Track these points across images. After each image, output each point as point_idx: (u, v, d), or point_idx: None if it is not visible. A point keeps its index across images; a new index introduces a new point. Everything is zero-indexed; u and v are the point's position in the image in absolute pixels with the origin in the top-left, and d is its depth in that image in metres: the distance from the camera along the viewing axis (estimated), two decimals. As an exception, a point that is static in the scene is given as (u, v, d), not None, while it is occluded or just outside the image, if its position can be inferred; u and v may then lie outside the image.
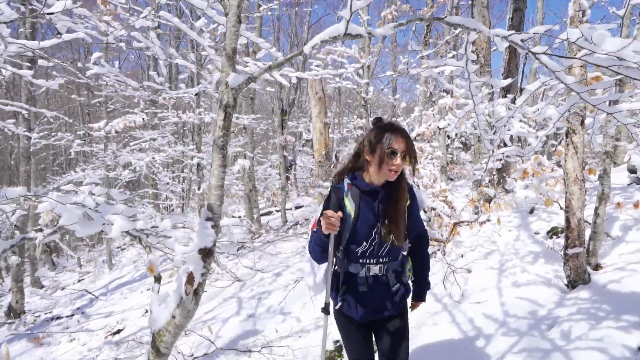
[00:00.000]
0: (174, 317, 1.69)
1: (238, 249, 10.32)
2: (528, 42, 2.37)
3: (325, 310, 2.46)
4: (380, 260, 2.41)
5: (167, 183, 14.93)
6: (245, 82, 1.78)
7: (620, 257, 4.19)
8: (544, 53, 2.23)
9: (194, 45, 9.47)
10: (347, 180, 2.38)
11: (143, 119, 8.06)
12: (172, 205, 15.71)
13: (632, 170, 5.97)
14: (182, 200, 14.23)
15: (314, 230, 2.37)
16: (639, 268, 3.83)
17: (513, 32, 2.14)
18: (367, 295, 2.42)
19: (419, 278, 2.64)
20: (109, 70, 4.85)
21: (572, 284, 4.01)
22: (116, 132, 8.54)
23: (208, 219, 1.79)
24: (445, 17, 2.00)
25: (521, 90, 9.92)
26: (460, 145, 11.98)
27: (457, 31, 7.53)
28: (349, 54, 6.36)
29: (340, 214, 2.21)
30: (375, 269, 2.41)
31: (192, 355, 5.07)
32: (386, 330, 2.54)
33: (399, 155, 2.24)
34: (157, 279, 1.76)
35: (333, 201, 2.30)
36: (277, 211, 13.27)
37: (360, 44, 7.69)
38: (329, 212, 2.17)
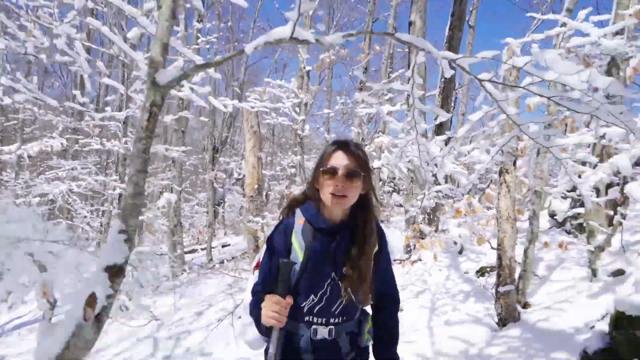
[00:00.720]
0: (67, 348, 1.38)
1: (157, 286, 9.66)
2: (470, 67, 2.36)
3: None
4: (332, 320, 1.85)
5: (85, 216, 13.93)
6: (176, 79, 1.58)
7: (548, 296, 4.27)
8: (489, 80, 2.23)
9: (124, 65, 9.08)
10: (298, 214, 1.86)
11: (62, 144, 7.46)
12: (88, 239, 14.63)
13: (552, 215, 6.25)
14: (100, 234, 13.27)
15: (256, 282, 1.88)
16: (565, 307, 3.90)
17: (461, 55, 2.11)
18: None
19: (382, 354, 1.94)
20: (24, 85, 4.44)
21: (502, 322, 4.00)
22: (29, 156, 7.83)
23: (121, 232, 1.52)
24: (395, 33, 1.94)
25: (448, 139, 10.30)
26: (390, 190, 12.22)
27: (393, 76, 7.76)
28: (288, 87, 6.32)
29: (290, 300, 1.70)
30: (324, 332, 1.84)
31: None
32: None
33: (339, 173, 1.74)
34: (52, 305, 1.46)
35: (278, 241, 1.82)
36: (203, 249, 12.71)
37: (298, 82, 7.71)
38: (274, 298, 1.67)
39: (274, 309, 1.63)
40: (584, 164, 4.04)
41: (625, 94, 1.81)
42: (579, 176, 3.42)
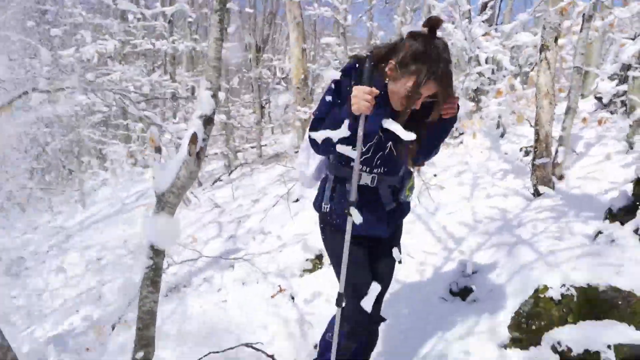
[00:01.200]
0: (178, 178, 1.81)
1: (214, 182, 10.44)
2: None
3: (339, 302, 2.06)
4: (375, 170, 2.05)
5: (140, 118, 14.63)
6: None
7: (583, 169, 4.50)
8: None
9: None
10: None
11: (115, 45, 7.83)
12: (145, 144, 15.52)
13: (598, 97, 6.24)
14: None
15: (317, 116, 1.94)
16: (598, 176, 4.14)
17: None
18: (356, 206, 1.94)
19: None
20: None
21: (537, 192, 4.30)
22: (88, 60, 8.29)
23: (207, 89, 1.88)
24: None
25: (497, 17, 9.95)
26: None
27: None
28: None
29: (375, 90, 1.71)
30: (367, 178, 2.04)
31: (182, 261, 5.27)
32: (375, 256, 2.23)
33: (421, 99, 1.79)
34: (158, 150, 1.86)
35: (345, 83, 1.85)
36: (252, 147, 13.31)
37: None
38: (365, 89, 1.69)
39: (365, 97, 1.68)
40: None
41: None
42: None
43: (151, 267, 1.90)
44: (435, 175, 5.78)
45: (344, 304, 2.06)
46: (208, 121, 1.88)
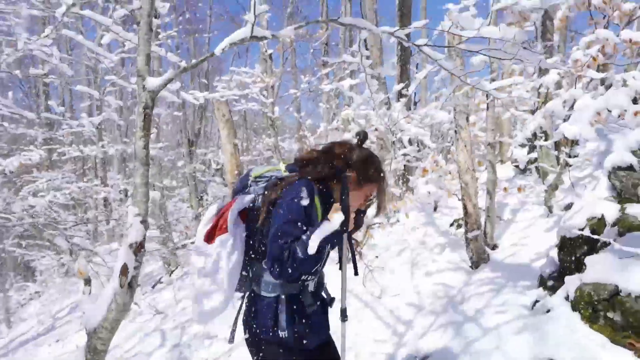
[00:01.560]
0: (110, 311, 1.72)
1: (154, 285, 9.97)
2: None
3: (343, 316, 2.24)
4: (316, 274, 2.02)
5: (71, 227, 13.99)
6: (162, 84, 1.89)
7: (512, 236, 4.73)
8: (425, 45, 2.58)
9: (94, 71, 9.16)
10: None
11: (41, 155, 7.61)
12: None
13: (515, 163, 6.72)
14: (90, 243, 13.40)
15: (290, 219, 1.76)
16: (526, 242, 4.36)
17: (398, 28, 2.45)
18: (314, 316, 1.97)
19: None
20: (1, 102, 4.63)
21: (475, 265, 4.44)
22: (11, 172, 7.96)
23: (136, 215, 1.85)
24: (339, 18, 2.26)
25: (415, 103, 10.67)
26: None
27: (380, 34, 8.04)
28: (253, 73, 6.58)
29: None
30: (311, 285, 2.02)
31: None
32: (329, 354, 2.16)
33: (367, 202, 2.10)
34: (87, 282, 1.79)
35: (308, 197, 1.82)
36: (192, 242, 12.97)
37: (262, 67, 7.94)
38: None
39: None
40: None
41: (524, 39, 2.18)
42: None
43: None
44: (377, 257, 5.84)
45: None
46: (139, 248, 1.84)
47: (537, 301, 3.27)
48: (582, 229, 2.89)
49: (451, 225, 5.83)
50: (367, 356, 3.81)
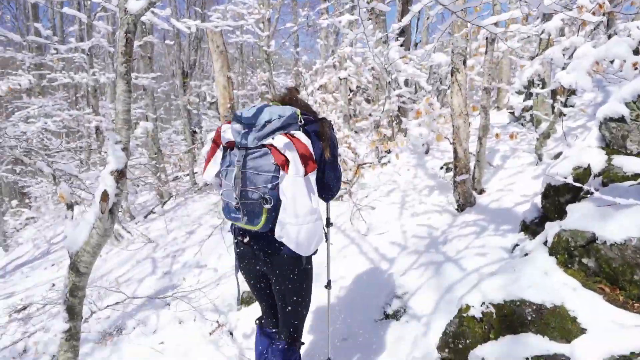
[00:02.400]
0: (91, 236, 1.75)
1: (147, 215, 10.10)
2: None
3: (328, 285, 2.80)
4: None
5: (64, 155, 13.99)
6: (145, 6, 1.82)
7: (500, 182, 4.78)
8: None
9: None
10: None
11: (30, 80, 7.45)
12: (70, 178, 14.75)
13: (510, 110, 6.67)
14: (82, 171, 13.40)
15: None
16: (513, 188, 4.42)
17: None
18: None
19: None
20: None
21: (461, 208, 4.52)
22: (-1, 96, 7.82)
23: (117, 142, 1.84)
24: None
25: (416, 44, 10.41)
26: (363, 100, 12.46)
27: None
28: (248, 4, 6.34)
29: None
30: None
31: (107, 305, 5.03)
32: None
33: None
34: (70, 207, 1.81)
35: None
36: (186, 175, 13.04)
37: (260, -3, 7.64)
38: None
39: None
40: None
41: None
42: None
43: (68, 332, 1.82)
44: (366, 197, 5.92)
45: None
46: (120, 175, 1.84)
47: (517, 245, 3.37)
48: (566, 177, 2.93)
49: (441, 168, 5.87)
50: (348, 291, 3.94)
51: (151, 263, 6.74)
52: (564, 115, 4.65)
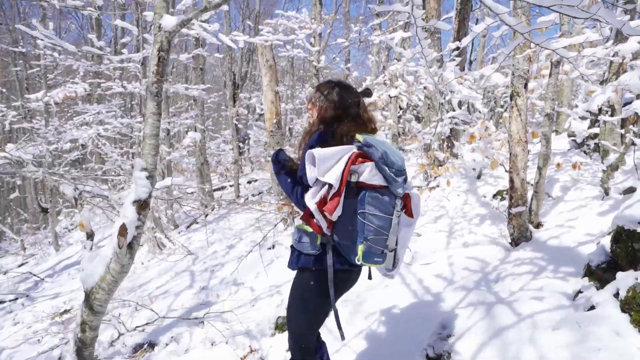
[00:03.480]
0: (108, 272, 1.61)
1: (190, 225, 10.17)
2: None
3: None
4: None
5: (116, 159, 14.42)
6: (179, 24, 1.68)
7: (560, 215, 4.38)
8: (487, -5, 2.24)
9: (139, 10, 9.02)
10: None
11: (85, 89, 7.65)
12: (121, 182, 15.17)
13: (572, 135, 6.22)
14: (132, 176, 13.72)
15: None
16: (575, 224, 4.02)
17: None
18: None
19: None
20: (42, 32, 4.56)
21: (515, 242, 4.17)
22: (56, 103, 8.09)
23: (143, 170, 1.70)
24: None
25: (470, 62, 10.06)
26: (413, 117, 12.14)
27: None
28: (300, 18, 6.25)
29: None
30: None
31: (136, 327, 4.96)
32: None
33: (309, 104, 2.46)
34: (90, 236, 1.67)
35: None
36: (231, 186, 13.11)
37: (313, 11, 7.56)
38: None
39: None
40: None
41: None
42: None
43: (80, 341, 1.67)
44: (412, 221, 5.63)
45: None
46: (143, 206, 1.69)
47: (580, 292, 3.01)
48: (644, 222, 2.57)
49: (494, 196, 5.51)
50: (388, 326, 3.68)
51: (189, 276, 6.70)
52: (635, 145, 4.23)
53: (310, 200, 2.10)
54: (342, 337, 2.32)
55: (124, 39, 9.53)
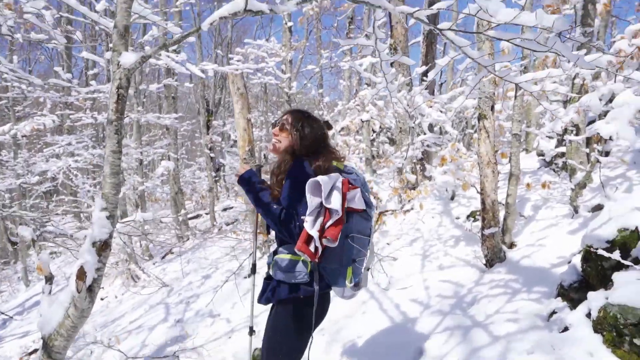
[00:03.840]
0: (67, 317, 1.53)
1: (165, 255, 9.97)
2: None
3: (250, 331, 2.65)
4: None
5: (88, 190, 14.13)
6: (138, 60, 1.65)
7: (532, 235, 4.43)
8: (449, 29, 2.28)
9: (107, 36, 8.98)
10: None
11: (54, 120, 7.49)
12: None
13: (540, 154, 6.35)
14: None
15: None
16: (546, 243, 4.07)
17: (417, 9, 2.16)
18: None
19: None
20: (6, 66, 4.48)
21: (489, 263, 4.18)
22: (23, 136, 7.89)
23: (103, 210, 1.64)
24: (350, -6, 1.98)
25: (441, 85, 10.25)
26: (387, 140, 12.25)
27: (379, 22, 7.62)
28: (269, 47, 6.29)
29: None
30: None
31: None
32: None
33: (275, 124, 2.41)
34: (48, 279, 1.60)
35: None
36: (207, 214, 12.95)
37: (283, 39, 7.63)
38: None
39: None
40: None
41: (564, 28, 1.87)
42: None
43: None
44: (388, 244, 5.62)
45: None
46: (103, 247, 1.63)
47: (554, 312, 3.02)
48: (611, 242, 2.61)
49: (468, 217, 5.55)
50: (366, 353, 3.62)
51: (164, 309, 6.52)
52: (601, 163, 4.33)
53: (312, 228, 2.08)
54: None
55: (94, 70, 9.44)
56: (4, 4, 3.80)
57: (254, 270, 2.63)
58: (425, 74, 6.34)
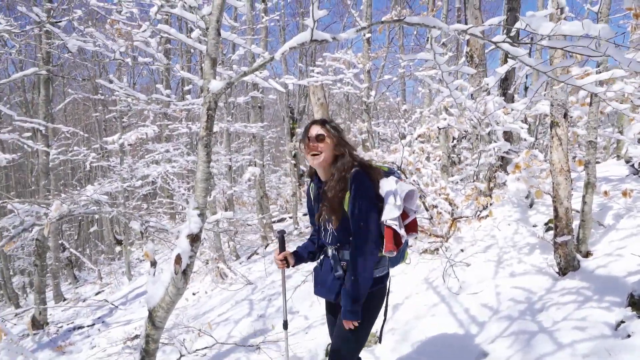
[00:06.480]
0: (166, 294, 1.91)
1: (250, 256, 10.60)
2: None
3: (285, 325, 2.91)
4: (331, 245, 2.52)
5: (183, 194, 15.31)
6: (224, 87, 2.01)
7: (610, 244, 4.31)
8: (503, 42, 2.44)
9: (202, 57, 9.78)
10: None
11: (154, 130, 8.37)
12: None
13: (628, 161, 6.06)
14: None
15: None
16: (624, 253, 3.96)
17: (472, 25, 2.34)
18: (317, 271, 2.71)
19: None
20: (118, 85, 5.16)
21: (562, 271, 4.15)
22: (129, 145, 8.87)
23: (195, 209, 2.01)
24: (404, 18, 2.21)
25: (526, 89, 10.00)
26: (469, 147, 12.06)
27: (453, 32, 7.65)
28: (347, 59, 6.60)
29: (280, 255, 2.70)
30: (329, 252, 2.57)
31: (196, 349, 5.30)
32: (334, 317, 2.68)
33: (312, 138, 2.40)
34: (153, 264, 1.99)
35: (307, 193, 2.77)
36: (290, 217, 13.51)
37: (363, 50, 7.91)
38: (275, 254, 2.73)
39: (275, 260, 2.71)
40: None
41: (610, 36, 1.97)
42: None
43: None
44: (462, 251, 5.67)
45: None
46: (195, 239, 2.00)
47: (622, 322, 3.01)
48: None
49: (545, 224, 5.45)
50: (431, 353, 3.77)
51: (248, 305, 7.02)
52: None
53: (401, 229, 2.39)
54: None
55: (189, 86, 10.33)
56: (117, 32, 4.45)
57: (285, 326, 2.93)
58: (503, 79, 6.31)
